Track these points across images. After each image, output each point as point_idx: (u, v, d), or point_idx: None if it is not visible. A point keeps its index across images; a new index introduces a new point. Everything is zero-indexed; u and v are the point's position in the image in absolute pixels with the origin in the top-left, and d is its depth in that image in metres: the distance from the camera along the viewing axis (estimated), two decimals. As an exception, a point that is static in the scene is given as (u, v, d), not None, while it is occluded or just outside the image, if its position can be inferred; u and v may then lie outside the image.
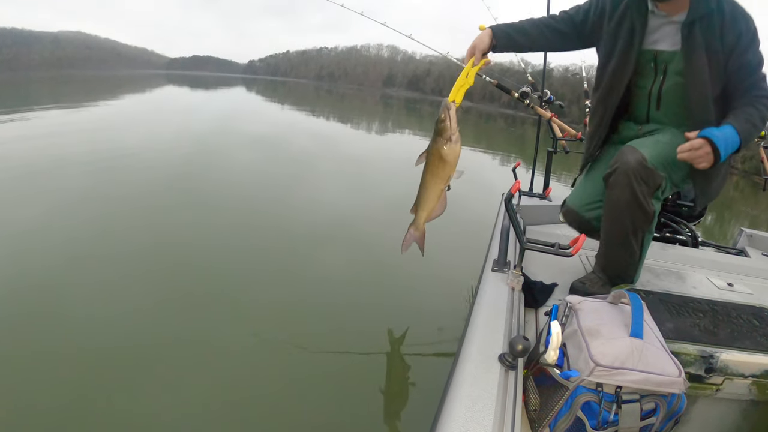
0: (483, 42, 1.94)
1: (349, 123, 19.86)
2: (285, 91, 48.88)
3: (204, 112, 16.73)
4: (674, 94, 1.93)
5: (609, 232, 1.88)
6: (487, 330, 1.36)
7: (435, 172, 1.83)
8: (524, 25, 2.01)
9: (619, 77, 1.98)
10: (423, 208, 1.86)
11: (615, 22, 1.94)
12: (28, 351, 2.31)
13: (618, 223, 1.84)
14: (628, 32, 1.92)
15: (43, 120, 10.55)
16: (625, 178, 1.74)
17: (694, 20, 1.79)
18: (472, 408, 1.05)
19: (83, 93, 22.08)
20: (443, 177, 1.82)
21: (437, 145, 1.79)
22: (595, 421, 1.12)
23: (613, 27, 1.94)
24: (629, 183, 1.74)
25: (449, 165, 1.80)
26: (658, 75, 1.94)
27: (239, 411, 2.05)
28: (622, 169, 1.75)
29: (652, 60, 1.92)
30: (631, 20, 1.91)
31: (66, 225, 3.94)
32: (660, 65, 1.92)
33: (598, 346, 1.16)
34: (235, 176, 6.43)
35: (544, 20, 2.04)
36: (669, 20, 1.87)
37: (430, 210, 1.86)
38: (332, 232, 4.36)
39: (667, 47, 1.89)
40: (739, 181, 19.38)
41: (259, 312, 2.87)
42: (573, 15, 2.02)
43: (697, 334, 1.67)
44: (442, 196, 1.84)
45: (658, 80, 1.94)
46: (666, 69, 1.91)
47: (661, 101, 1.97)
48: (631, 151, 1.76)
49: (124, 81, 38.12)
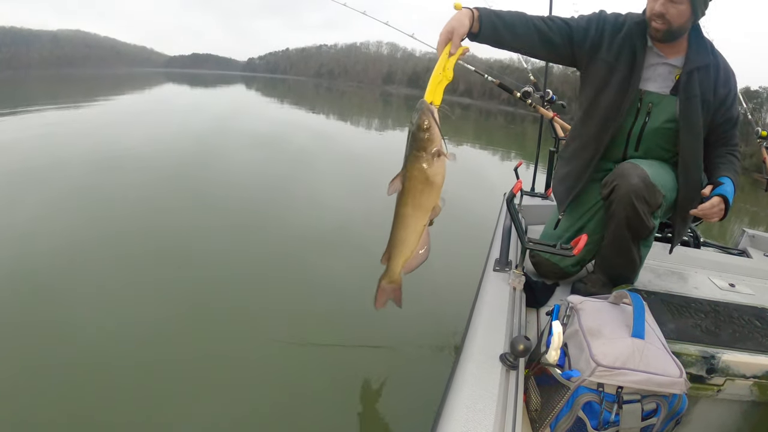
0: (463, 25, 1.60)
1: (349, 120, 19.86)
2: (284, 88, 48.88)
3: (203, 110, 16.72)
4: (658, 136, 1.88)
5: (609, 244, 1.86)
6: (488, 330, 1.36)
7: (417, 202, 1.39)
8: (514, 21, 1.77)
9: (615, 114, 1.87)
10: (400, 253, 1.45)
11: (614, 52, 1.85)
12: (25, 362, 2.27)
13: (619, 238, 1.82)
14: (627, 66, 1.85)
15: (41, 119, 10.54)
16: (626, 197, 1.70)
17: (693, 69, 1.79)
18: (473, 408, 1.05)
19: (82, 92, 22.09)
20: (427, 207, 1.40)
21: (419, 163, 1.35)
22: (596, 422, 1.12)
23: (612, 57, 1.86)
24: (630, 201, 1.70)
25: (435, 189, 1.38)
26: (641, 116, 1.87)
27: (240, 415, 2.04)
28: (625, 187, 1.70)
29: (638, 100, 1.86)
30: (632, 54, 1.84)
31: (64, 227, 3.92)
32: (645, 106, 1.86)
33: (599, 346, 1.16)
34: (236, 176, 6.43)
35: (537, 23, 1.82)
36: (664, 61, 1.85)
37: (410, 254, 1.45)
38: (332, 232, 4.35)
39: (657, 89, 1.86)
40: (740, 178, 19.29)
41: (261, 316, 2.86)
42: (573, 30, 1.85)
43: (699, 334, 1.68)
44: (423, 234, 1.43)
45: (640, 121, 1.88)
46: (650, 111, 1.86)
47: (640, 142, 1.91)
48: (632, 168, 1.72)
49: (123, 79, 38.10)
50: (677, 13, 1.72)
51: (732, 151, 1.90)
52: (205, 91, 32.07)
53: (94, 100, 16.90)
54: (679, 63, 1.83)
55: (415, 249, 1.44)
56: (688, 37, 1.83)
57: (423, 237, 1.43)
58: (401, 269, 1.46)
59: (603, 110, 1.90)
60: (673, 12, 1.72)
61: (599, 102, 1.91)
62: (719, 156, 1.88)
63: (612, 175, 1.76)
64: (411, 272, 1.47)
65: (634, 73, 1.83)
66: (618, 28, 1.87)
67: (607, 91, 1.88)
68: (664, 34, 1.77)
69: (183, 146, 8.18)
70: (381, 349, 2.61)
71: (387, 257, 1.46)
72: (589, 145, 1.95)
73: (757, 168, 6.03)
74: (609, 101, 1.87)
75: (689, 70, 1.79)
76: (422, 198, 1.38)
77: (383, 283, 1.51)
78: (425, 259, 1.46)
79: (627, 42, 1.85)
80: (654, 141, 1.89)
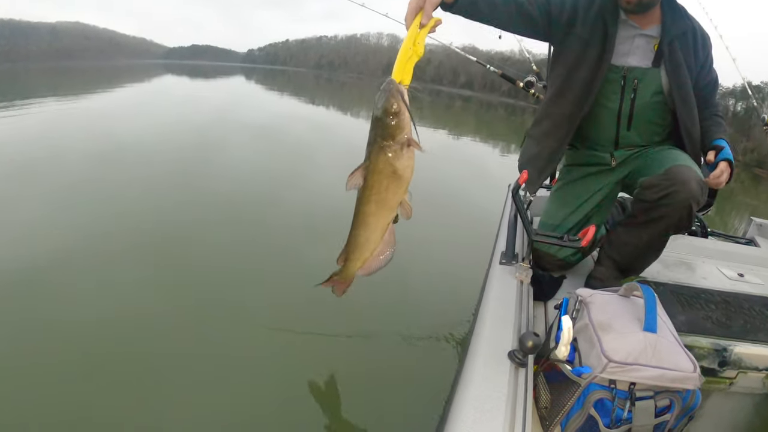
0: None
1: (349, 112, 19.78)
2: (284, 80, 48.69)
3: (202, 102, 16.64)
4: (648, 111, 1.84)
5: (647, 243, 1.80)
6: (496, 325, 1.33)
7: (381, 199, 1.22)
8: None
9: (589, 90, 1.81)
10: (359, 255, 1.30)
11: (588, 27, 1.79)
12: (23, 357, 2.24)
13: (661, 237, 1.78)
14: (600, 42, 1.78)
15: (40, 111, 10.48)
16: (686, 202, 1.64)
17: (673, 38, 1.75)
18: (481, 408, 1.03)
19: (81, 84, 21.98)
20: (392, 205, 1.23)
21: (384, 153, 1.16)
22: (609, 420, 1.09)
23: (587, 33, 1.79)
24: (689, 206, 1.64)
25: (403, 184, 1.20)
26: (627, 93, 1.82)
27: (241, 414, 2.01)
28: (685, 193, 1.63)
29: (620, 78, 1.80)
30: (605, 26, 1.78)
31: (61, 220, 3.89)
32: (630, 82, 1.80)
33: (610, 341, 1.13)
34: (234, 169, 6.39)
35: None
36: (639, 32, 1.79)
37: (369, 255, 1.30)
38: (333, 226, 4.31)
39: (638, 63, 1.80)
40: (739, 173, 19.34)
41: (262, 308, 2.83)
42: (551, 4, 1.79)
43: (710, 326, 1.64)
44: (387, 234, 1.29)
45: (628, 98, 1.82)
46: (636, 87, 1.80)
47: (632, 121, 1.86)
48: (687, 171, 1.64)
49: (122, 71, 37.94)
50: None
51: (716, 112, 1.91)
52: (205, 82, 31.93)
53: (93, 92, 16.83)
54: (655, 33, 1.78)
55: (375, 250, 1.29)
56: (661, 5, 1.78)
57: (387, 237, 1.28)
58: (358, 268, 1.33)
59: (577, 88, 1.83)
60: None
61: (572, 80, 1.84)
62: (706, 119, 1.86)
63: (667, 180, 1.64)
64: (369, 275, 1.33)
65: (607, 49, 1.77)
66: (590, 1, 1.81)
67: (581, 69, 1.82)
68: (636, 6, 1.73)
69: (181, 138, 8.13)
70: (385, 342, 2.58)
71: (344, 258, 1.33)
72: (562, 125, 1.89)
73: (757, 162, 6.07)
74: (582, 79, 1.81)
75: (669, 41, 1.76)
76: (388, 194, 1.21)
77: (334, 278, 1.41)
78: (388, 262, 1.31)
79: (599, 16, 1.79)
80: (645, 116, 1.85)
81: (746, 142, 31.43)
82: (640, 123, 1.86)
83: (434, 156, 8.96)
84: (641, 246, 1.81)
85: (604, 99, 1.85)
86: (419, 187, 1.31)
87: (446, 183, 6.71)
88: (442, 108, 32.27)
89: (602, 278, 1.89)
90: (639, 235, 1.79)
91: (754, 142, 30.68)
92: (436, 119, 19.05)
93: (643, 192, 1.71)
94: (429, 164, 7.57)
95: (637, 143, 1.92)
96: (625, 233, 1.83)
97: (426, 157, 1.22)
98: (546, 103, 2.00)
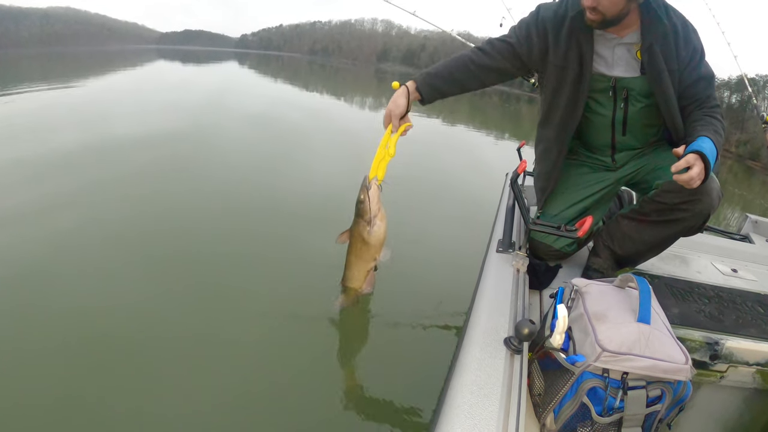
0: (398, 107, 1.82)
1: (343, 98, 19.67)
2: (278, 65, 48.31)
3: (195, 88, 16.48)
4: (642, 117, 1.84)
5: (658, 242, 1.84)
6: (492, 312, 1.35)
7: (359, 254, 1.85)
8: (452, 71, 1.86)
9: (573, 111, 1.84)
10: (350, 285, 1.96)
11: (561, 53, 1.77)
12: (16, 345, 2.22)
13: (671, 238, 1.82)
14: (576, 62, 1.77)
15: (31, 99, 10.37)
16: (705, 212, 1.69)
17: (651, 44, 1.70)
18: (478, 394, 1.04)
19: (73, 70, 21.70)
20: (368, 259, 1.85)
21: (359, 227, 1.80)
22: (601, 408, 1.10)
23: (560, 60, 1.78)
24: (707, 216, 1.70)
25: (372, 248, 1.82)
26: (619, 102, 1.82)
27: (237, 406, 2.02)
28: (707, 204, 1.66)
29: (609, 88, 1.80)
30: (579, 47, 1.75)
31: (55, 208, 3.83)
32: (620, 92, 1.80)
33: (604, 331, 1.14)
34: (228, 155, 6.34)
35: (475, 59, 1.84)
36: (619, 42, 1.76)
37: (359, 287, 1.94)
38: (328, 211, 4.29)
39: (625, 73, 1.78)
40: (732, 165, 19.42)
41: (257, 294, 2.82)
42: (515, 46, 1.82)
43: (703, 320, 1.67)
44: (369, 275, 1.92)
45: (620, 107, 1.83)
46: (627, 95, 1.80)
47: (626, 127, 1.87)
48: (711, 181, 1.63)
49: (114, 56, 37.45)
50: (609, 2, 1.61)
51: (710, 112, 1.74)
52: (198, 68, 31.63)
53: (85, 78, 16.62)
54: (635, 39, 1.74)
55: (362, 285, 1.93)
56: (638, 8, 1.70)
57: (369, 278, 1.91)
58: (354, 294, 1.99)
59: (561, 112, 1.86)
60: (605, 2, 1.61)
61: (556, 105, 1.87)
62: (696, 120, 1.73)
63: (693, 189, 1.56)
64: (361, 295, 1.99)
65: (585, 70, 1.77)
66: (559, 23, 1.77)
67: (563, 92, 1.83)
68: (600, 24, 1.69)
69: (175, 125, 8.04)
70: (382, 328, 2.58)
71: (343, 284, 1.97)
72: (552, 148, 1.94)
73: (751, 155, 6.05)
74: (565, 102, 1.83)
75: (648, 46, 1.71)
76: (362, 252, 1.83)
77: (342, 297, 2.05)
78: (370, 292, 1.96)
79: (572, 36, 1.76)
80: (639, 122, 1.86)
81: (740, 134, 31.45)
82: (635, 128, 1.88)
83: (429, 143, 8.96)
84: (646, 243, 1.84)
85: (597, 107, 1.86)
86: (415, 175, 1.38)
87: (441, 170, 6.69)
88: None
89: (598, 269, 1.91)
90: (647, 233, 1.81)
91: (747, 135, 30.72)
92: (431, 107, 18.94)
93: (663, 194, 1.71)
94: (424, 151, 7.56)
95: (635, 146, 1.94)
96: (630, 227, 1.85)
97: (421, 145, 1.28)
98: (538, 127, 2.04)
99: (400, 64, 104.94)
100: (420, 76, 1.89)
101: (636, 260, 1.96)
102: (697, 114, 1.74)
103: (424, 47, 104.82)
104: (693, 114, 1.76)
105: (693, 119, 1.74)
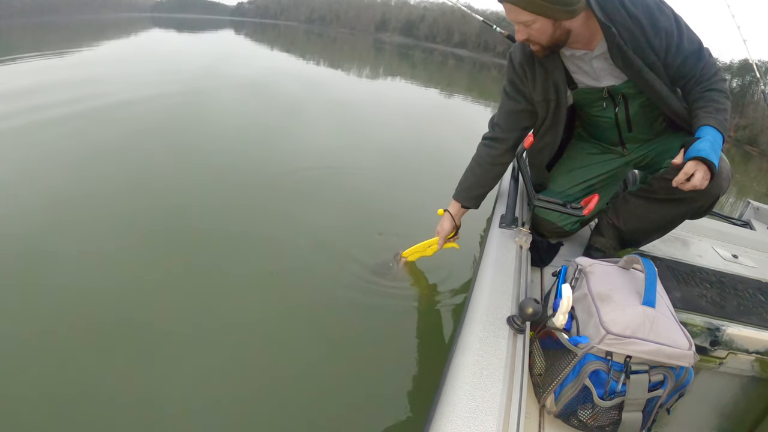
0: (444, 229, 2.27)
1: (340, 68, 19.39)
2: (275, 34, 47.42)
3: (191, 56, 16.20)
4: (645, 112, 1.83)
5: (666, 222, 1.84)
6: (494, 290, 1.33)
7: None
8: (478, 175, 2.07)
9: (553, 134, 1.92)
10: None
11: (540, 88, 1.80)
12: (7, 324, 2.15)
13: (679, 218, 1.81)
14: (552, 90, 1.79)
15: (24, 67, 10.18)
16: (715, 192, 1.70)
17: (613, 46, 1.63)
18: (480, 374, 1.03)
19: (66, 39, 21.17)
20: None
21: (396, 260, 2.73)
22: (602, 391, 1.09)
23: (540, 95, 1.82)
24: (716, 198, 1.71)
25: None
26: (618, 105, 1.81)
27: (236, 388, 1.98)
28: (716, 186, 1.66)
29: (601, 97, 1.79)
30: (550, 75, 1.76)
31: (44, 180, 3.73)
32: (617, 97, 1.79)
33: (609, 313, 1.12)
34: (224, 126, 6.24)
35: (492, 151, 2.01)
36: (593, 56, 1.71)
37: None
38: (323, 187, 4.25)
39: (614, 81, 1.75)
40: (730, 149, 19.34)
41: (255, 272, 2.76)
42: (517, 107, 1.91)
43: (705, 305, 1.66)
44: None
45: (621, 109, 1.82)
46: (625, 97, 1.78)
47: (631, 123, 1.86)
48: (723, 164, 1.64)
49: (108, 25, 36.56)
50: (538, 31, 1.60)
51: (709, 85, 1.67)
52: (192, 36, 31.06)
53: (79, 47, 16.22)
54: (605, 47, 1.69)
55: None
56: (594, 17, 1.62)
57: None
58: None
59: (542, 133, 1.93)
60: (534, 33, 1.60)
61: (543, 135, 1.94)
62: (696, 100, 1.68)
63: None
64: None
65: (560, 92, 1.78)
66: (529, 59, 1.78)
67: (545, 122, 1.88)
68: (546, 51, 1.68)
69: (169, 95, 7.89)
70: (381, 306, 2.54)
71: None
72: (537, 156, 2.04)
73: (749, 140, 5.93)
74: (547, 126, 1.89)
75: (615, 51, 1.64)
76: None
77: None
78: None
79: (540, 68, 1.77)
80: (643, 118, 1.86)
81: (739, 119, 31.24)
82: (640, 124, 1.87)
83: (427, 116, 8.85)
84: (652, 221, 1.82)
85: (599, 112, 1.87)
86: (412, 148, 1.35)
87: (437, 145, 6.63)
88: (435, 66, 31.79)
89: (601, 248, 1.89)
90: (654, 211, 1.80)
91: (747, 120, 30.60)
92: (428, 79, 18.74)
93: (673, 172, 1.65)
94: (422, 126, 7.47)
95: (644, 138, 1.93)
96: (637, 205, 1.83)
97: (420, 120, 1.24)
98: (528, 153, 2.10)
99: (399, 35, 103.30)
100: (460, 196, 2.15)
101: (640, 241, 1.94)
102: (697, 92, 1.69)
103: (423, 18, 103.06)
104: (692, 92, 1.71)
105: (693, 99, 1.70)
